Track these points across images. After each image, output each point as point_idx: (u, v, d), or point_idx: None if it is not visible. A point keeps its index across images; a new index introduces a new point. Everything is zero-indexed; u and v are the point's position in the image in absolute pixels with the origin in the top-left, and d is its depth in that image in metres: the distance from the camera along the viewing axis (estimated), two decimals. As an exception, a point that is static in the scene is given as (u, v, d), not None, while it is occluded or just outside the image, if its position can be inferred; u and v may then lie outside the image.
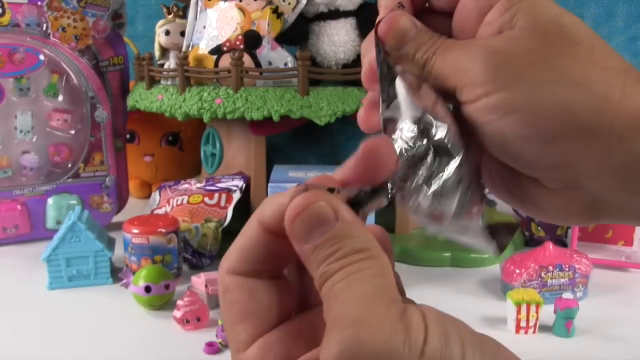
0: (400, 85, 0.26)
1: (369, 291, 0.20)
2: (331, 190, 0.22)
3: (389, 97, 0.26)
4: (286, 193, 0.23)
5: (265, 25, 0.84)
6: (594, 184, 0.25)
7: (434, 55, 0.26)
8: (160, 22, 1.00)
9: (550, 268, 0.68)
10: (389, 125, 0.25)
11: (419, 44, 0.27)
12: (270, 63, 0.84)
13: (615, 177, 0.24)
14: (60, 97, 0.93)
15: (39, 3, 0.92)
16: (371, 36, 0.28)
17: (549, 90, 0.24)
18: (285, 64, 0.85)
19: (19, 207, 0.90)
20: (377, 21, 0.28)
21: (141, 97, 0.91)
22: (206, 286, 0.67)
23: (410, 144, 0.24)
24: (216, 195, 0.86)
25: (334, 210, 0.21)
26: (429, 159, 0.24)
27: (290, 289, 0.25)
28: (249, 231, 0.23)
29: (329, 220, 0.21)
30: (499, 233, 0.27)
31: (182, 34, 0.96)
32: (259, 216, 0.23)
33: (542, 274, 0.68)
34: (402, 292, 0.24)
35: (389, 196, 0.23)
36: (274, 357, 0.23)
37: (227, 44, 0.83)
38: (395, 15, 0.27)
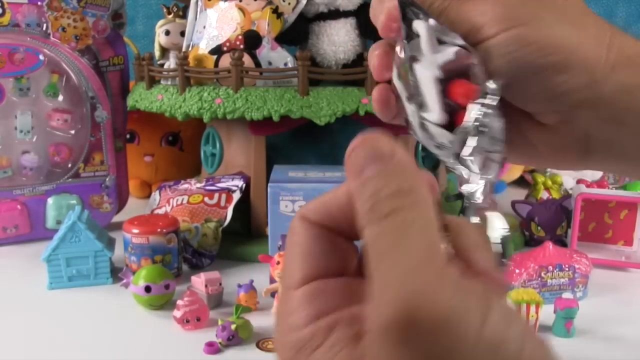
0: (422, 25, 0.27)
1: (420, 254, 0.19)
2: None
3: (410, 35, 0.27)
4: None
5: (265, 25, 0.84)
6: (587, 114, 0.29)
7: (450, 2, 0.29)
8: (160, 22, 1.00)
9: (550, 268, 0.68)
10: (413, 61, 0.27)
11: None
12: (270, 63, 0.85)
13: (605, 105, 0.28)
14: (60, 97, 0.93)
15: (39, 3, 0.92)
16: None
17: (558, 28, 0.28)
18: (285, 64, 0.85)
19: (19, 207, 0.90)
20: None
21: (141, 97, 0.91)
22: (206, 286, 0.67)
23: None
24: (216, 195, 0.86)
25: (391, 149, 0.21)
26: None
27: (353, 251, 0.24)
28: (334, 192, 0.23)
29: (384, 155, 0.21)
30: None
31: (182, 34, 0.96)
32: (347, 187, 0.23)
33: (542, 274, 0.68)
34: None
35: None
36: (321, 303, 0.22)
37: (227, 44, 0.83)
38: None
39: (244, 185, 0.87)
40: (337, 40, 0.89)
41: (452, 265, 0.19)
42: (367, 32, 0.91)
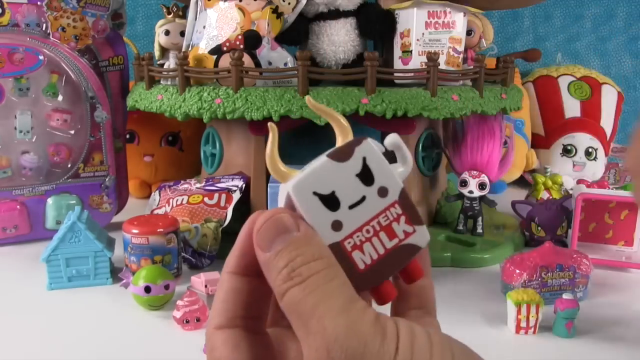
0: None
1: (342, 303, 0.22)
2: None
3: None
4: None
5: (265, 25, 0.84)
6: None
7: None
8: (160, 22, 1.00)
9: (551, 268, 0.68)
10: None
11: None
12: (270, 63, 0.84)
13: None
14: (60, 97, 0.93)
15: (38, 3, 0.92)
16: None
17: None
18: (285, 64, 0.85)
19: (18, 207, 0.90)
20: None
21: (141, 97, 0.91)
22: (206, 286, 0.67)
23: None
24: (216, 195, 0.85)
25: (295, 222, 0.24)
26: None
27: (271, 345, 0.26)
28: (223, 285, 0.26)
29: (290, 228, 0.23)
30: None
31: (182, 34, 0.96)
32: (226, 268, 0.26)
33: (542, 274, 0.68)
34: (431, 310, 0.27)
35: None
36: (240, 351, 0.25)
37: (227, 44, 0.83)
38: None
39: (244, 185, 0.86)
40: (337, 40, 0.89)
41: (369, 309, 0.22)
42: (367, 32, 0.91)
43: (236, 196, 0.85)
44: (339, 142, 0.25)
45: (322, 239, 0.24)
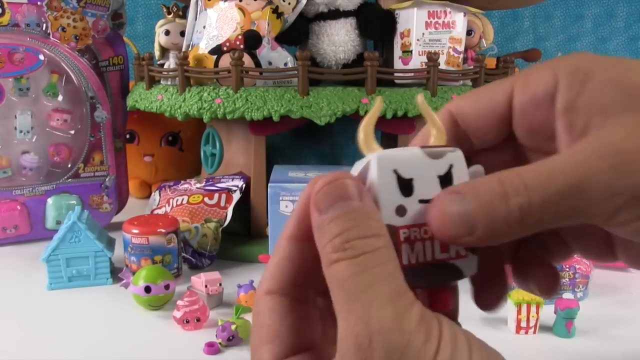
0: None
1: (394, 293, 0.21)
2: None
3: None
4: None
5: (265, 25, 0.84)
6: None
7: (529, 199, 0.21)
8: (160, 22, 1.00)
9: (551, 268, 0.68)
10: None
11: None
12: (270, 63, 0.84)
13: None
14: (60, 97, 0.93)
15: (38, 3, 0.92)
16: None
17: None
18: (285, 64, 0.85)
19: (18, 207, 0.90)
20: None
21: (141, 97, 0.91)
22: (206, 286, 0.67)
23: None
24: (216, 195, 0.85)
25: (359, 191, 0.22)
26: None
27: (317, 318, 0.26)
28: (279, 250, 0.25)
29: (352, 196, 0.22)
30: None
31: (182, 34, 0.96)
32: (283, 233, 0.25)
33: (543, 274, 0.68)
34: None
35: None
36: None
37: (227, 44, 0.83)
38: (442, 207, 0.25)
39: (244, 185, 0.86)
40: (337, 40, 0.89)
41: (417, 303, 0.21)
42: (367, 32, 0.91)
43: (236, 196, 0.85)
44: (432, 142, 0.26)
45: (387, 221, 0.23)
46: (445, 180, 0.24)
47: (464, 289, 0.25)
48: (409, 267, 0.24)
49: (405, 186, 0.24)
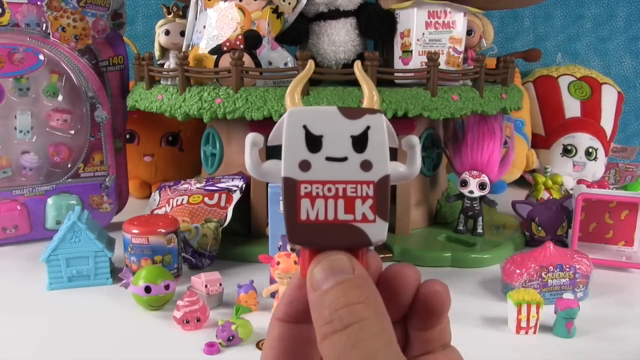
0: None
1: None
2: None
3: None
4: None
5: (265, 25, 0.84)
6: None
7: None
8: (160, 22, 1.00)
9: (551, 268, 0.68)
10: None
11: None
12: (270, 63, 0.84)
13: None
14: (60, 97, 0.92)
15: (38, 3, 0.91)
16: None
17: None
18: (285, 64, 0.85)
19: (18, 207, 0.90)
20: None
21: (141, 97, 0.91)
22: (206, 286, 0.67)
23: None
24: (216, 195, 0.85)
25: (351, 264, 0.22)
26: None
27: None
28: (273, 331, 0.25)
29: (344, 270, 0.22)
30: None
31: (182, 33, 0.96)
32: (275, 314, 0.25)
33: (543, 275, 0.68)
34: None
35: None
36: None
37: (227, 44, 0.83)
38: None
39: (244, 185, 0.86)
40: (337, 40, 0.89)
41: None
42: (367, 32, 0.91)
43: (236, 196, 0.85)
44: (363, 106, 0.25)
45: (287, 173, 0.23)
46: (359, 141, 0.24)
47: (465, 289, 0.25)
48: (305, 223, 0.23)
49: (314, 142, 0.23)
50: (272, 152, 0.25)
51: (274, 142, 0.25)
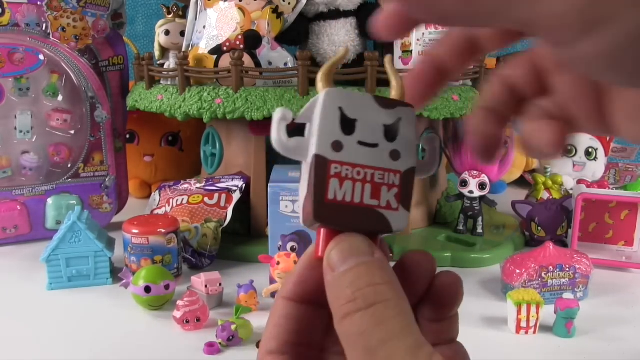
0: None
1: (413, 347, 0.20)
2: None
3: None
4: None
5: (265, 25, 0.84)
6: None
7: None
8: (160, 22, 1.00)
9: (551, 268, 0.68)
10: None
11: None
12: (270, 63, 0.84)
13: None
14: (60, 97, 0.92)
15: (38, 3, 0.92)
16: None
17: None
18: (285, 64, 0.85)
19: (18, 207, 0.90)
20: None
21: (141, 97, 0.91)
22: (206, 286, 0.67)
23: None
24: (216, 195, 0.85)
25: (370, 247, 0.22)
26: None
27: (319, 323, 0.26)
28: (277, 310, 0.25)
29: (364, 252, 0.22)
30: None
31: (182, 34, 0.96)
32: (281, 293, 0.25)
33: (543, 274, 0.68)
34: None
35: None
36: None
37: (227, 44, 0.83)
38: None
39: (244, 185, 0.86)
40: (337, 40, 0.89)
41: (436, 355, 0.20)
42: (368, 32, 0.91)
43: (236, 196, 0.85)
44: (391, 96, 0.26)
45: (319, 151, 0.23)
46: (391, 131, 0.24)
47: (465, 289, 0.25)
48: (331, 203, 0.23)
49: (348, 124, 0.24)
50: (273, 154, 0.26)
51: (303, 120, 0.25)
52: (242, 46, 0.83)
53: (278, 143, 0.25)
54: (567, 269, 0.68)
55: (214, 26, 0.85)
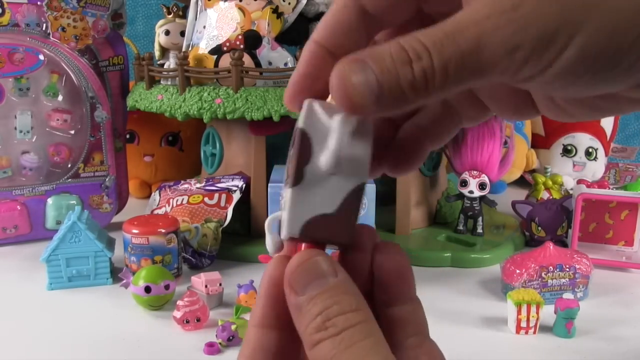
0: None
1: None
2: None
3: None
4: None
5: (265, 25, 0.84)
6: None
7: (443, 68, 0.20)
8: (160, 22, 1.00)
9: (551, 268, 0.68)
10: None
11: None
12: (270, 63, 0.84)
13: None
14: (60, 97, 0.92)
15: (38, 3, 0.92)
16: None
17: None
18: (285, 64, 0.85)
19: (18, 207, 0.90)
20: None
21: (141, 97, 0.91)
22: (206, 286, 0.67)
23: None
24: (216, 195, 0.85)
25: (332, 267, 0.22)
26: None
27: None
28: (249, 341, 0.24)
29: (327, 273, 0.22)
30: None
31: (182, 34, 0.96)
32: (251, 320, 0.24)
33: (543, 274, 0.68)
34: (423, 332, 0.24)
35: None
36: None
37: (227, 44, 0.83)
38: None
39: (244, 185, 0.86)
40: (337, 40, 0.89)
41: None
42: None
43: (236, 196, 0.85)
44: None
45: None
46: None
47: (465, 289, 0.25)
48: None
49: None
50: (273, 154, 0.26)
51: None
52: (242, 46, 0.83)
53: (270, 249, 0.26)
54: (567, 269, 0.69)
55: (214, 26, 0.85)
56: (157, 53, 1.00)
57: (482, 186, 0.87)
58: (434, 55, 0.19)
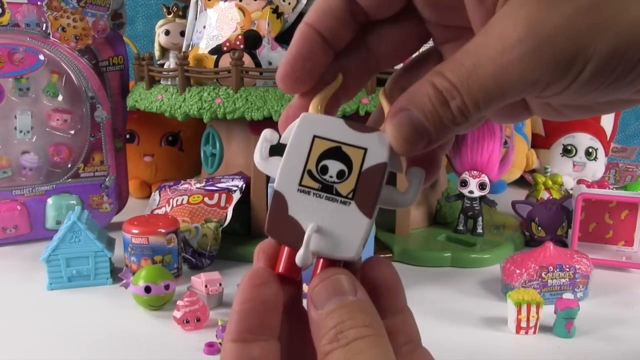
0: None
1: None
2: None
3: None
4: None
5: (265, 25, 0.84)
6: None
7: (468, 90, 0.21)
8: (160, 22, 1.00)
9: (551, 268, 0.68)
10: None
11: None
12: (270, 63, 0.84)
13: None
14: (60, 97, 0.92)
15: (38, 3, 0.92)
16: None
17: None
18: (285, 64, 0.85)
19: (18, 207, 0.90)
20: None
21: (141, 97, 0.91)
22: (206, 286, 0.67)
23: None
24: (216, 195, 0.85)
25: (353, 286, 0.23)
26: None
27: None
28: (226, 355, 0.24)
29: (347, 291, 0.23)
30: None
31: (182, 34, 0.96)
32: (227, 335, 0.24)
33: (543, 275, 0.68)
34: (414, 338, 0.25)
35: None
36: None
37: (227, 44, 0.83)
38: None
39: (244, 185, 0.86)
40: (337, 40, 0.89)
41: None
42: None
43: (236, 196, 0.85)
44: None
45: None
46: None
47: (465, 289, 0.25)
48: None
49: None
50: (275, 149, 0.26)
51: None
52: (242, 46, 0.83)
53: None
54: (567, 269, 0.69)
55: (214, 26, 0.85)
56: (157, 53, 1.00)
57: (482, 186, 0.87)
58: (464, 94, 0.21)
